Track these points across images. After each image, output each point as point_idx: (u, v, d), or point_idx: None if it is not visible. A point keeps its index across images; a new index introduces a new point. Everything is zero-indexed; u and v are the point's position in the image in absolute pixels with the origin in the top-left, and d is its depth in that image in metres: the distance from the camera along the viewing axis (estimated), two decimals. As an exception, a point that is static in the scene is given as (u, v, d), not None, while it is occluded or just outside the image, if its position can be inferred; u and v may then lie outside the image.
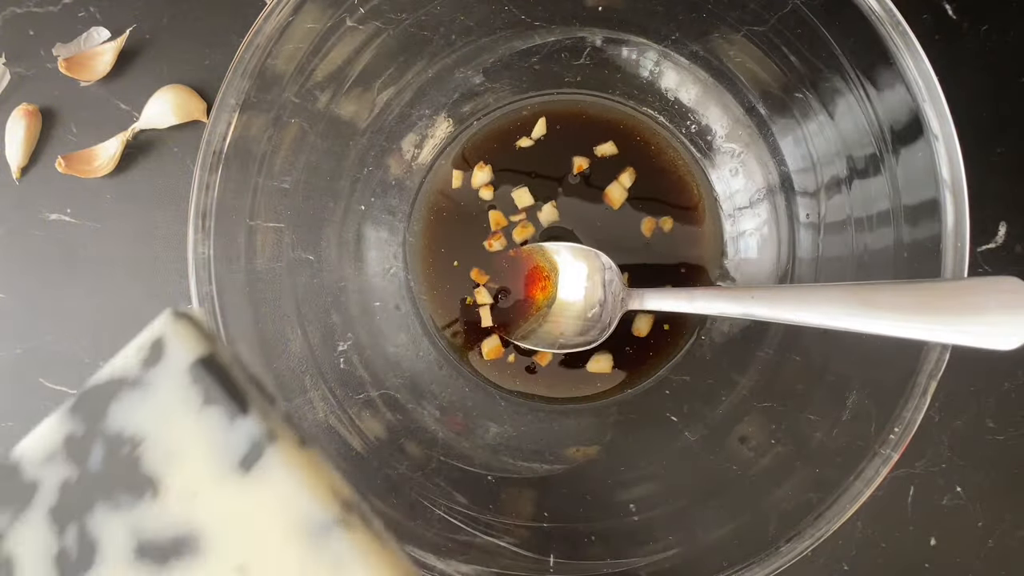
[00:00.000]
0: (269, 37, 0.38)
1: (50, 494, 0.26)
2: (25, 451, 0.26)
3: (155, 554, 0.25)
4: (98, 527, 0.26)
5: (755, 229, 0.47)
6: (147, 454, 0.26)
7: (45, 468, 0.26)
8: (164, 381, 0.26)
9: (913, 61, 0.35)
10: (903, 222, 0.38)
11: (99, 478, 0.26)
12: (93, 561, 0.26)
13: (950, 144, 0.35)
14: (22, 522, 0.26)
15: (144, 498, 0.26)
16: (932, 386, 0.34)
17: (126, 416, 0.26)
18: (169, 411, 0.26)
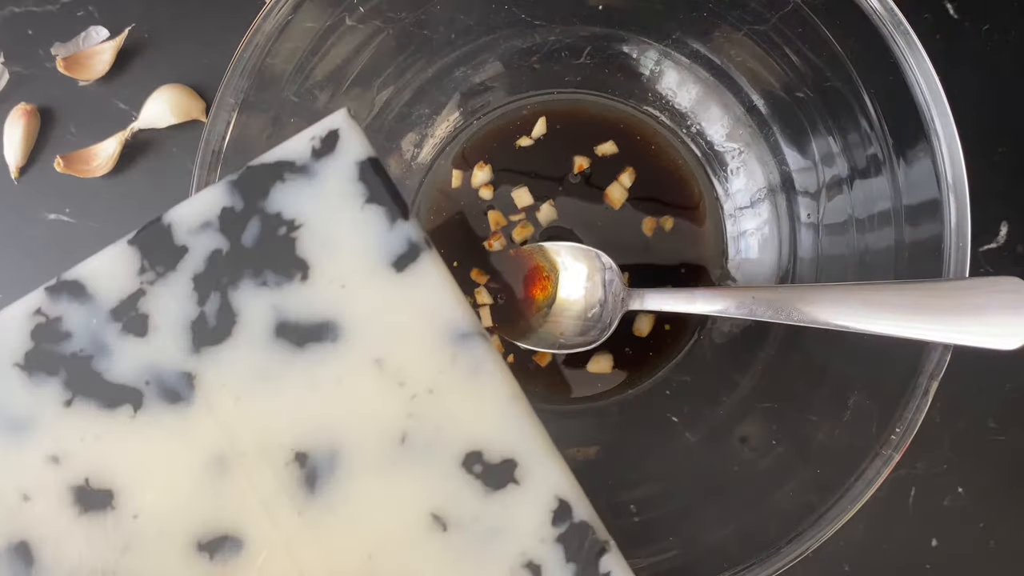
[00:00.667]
0: (268, 36, 0.37)
1: (197, 261, 0.27)
2: (178, 216, 0.27)
3: (294, 336, 0.26)
4: (241, 301, 0.26)
5: (756, 229, 0.47)
6: (303, 239, 0.26)
7: (196, 236, 0.27)
8: (333, 172, 0.27)
9: (915, 60, 0.35)
10: (904, 222, 0.37)
11: (251, 254, 0.26)
12: (230, 333, 0.26)
13: (951, 143, 0.35)
14: (165, 283, 0.26)
15: (293, 280, 0.26)
16: (933, 387, 0.34)
17: (288, 199, 0.27)
18: (332, 202, 0.26)
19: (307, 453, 0.26)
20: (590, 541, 0.26)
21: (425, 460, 0.26)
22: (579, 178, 0.48)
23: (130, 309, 0.27)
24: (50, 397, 0.26)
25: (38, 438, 0.26)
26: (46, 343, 0.27)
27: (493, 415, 0.26)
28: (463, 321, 0.26)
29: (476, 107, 0.49)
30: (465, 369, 0.26)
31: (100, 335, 0.26)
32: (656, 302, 0.43)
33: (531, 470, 0.26)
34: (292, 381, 0.26)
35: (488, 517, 0.25)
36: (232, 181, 0.27)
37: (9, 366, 0.26)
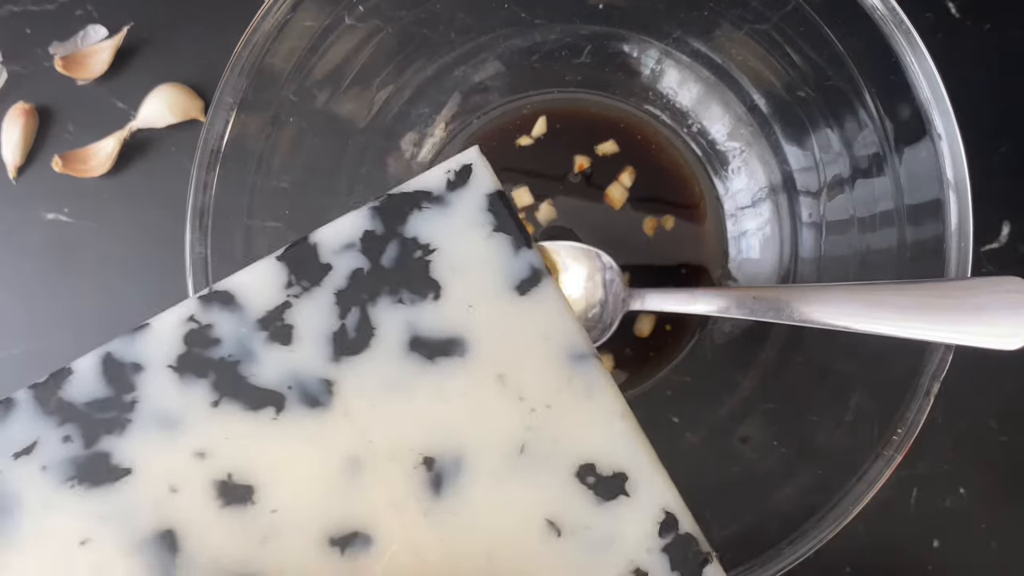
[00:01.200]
0: (267, 35, 0.37)
1: (340, 279, 0.29)
2: (323, 236, 0.30)
3: (425, 350, 0.29)
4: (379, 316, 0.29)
5: (757, 229, 0.47)
6: (437, 262, 0.29)
7: (340, 255, 0.29)
8: (464, 203, 0.29)
9: (916, 59, 0.35)
10: (906, 222, 0.37)
11: (389, 274, 0.29)
12: (368, 345, 0.29)
13: (953, 143, 0.35)
14: (309, 297, 0.29)
15: (426, 299, 0.29)
16: (935, 387, 0.34)
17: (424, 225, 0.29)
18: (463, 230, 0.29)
19: (434, 458, 0.28)
20: (694, 552, 0.28)
21: (542, 470, 0.28)
22: (579, 177, 0.48)
23: (276, 319, 0.29)
24: (199, 397, 0.29)
25: (186, 435, 0.28)
26: (197, 348, 0.29)
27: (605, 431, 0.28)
28: (580, 343, 0.29)
29: (476, 106, 0.49)
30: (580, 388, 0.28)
31: (247, 342, 0.29)
32: (657, 302, 0.42)
33: (640, 483, 0.28)
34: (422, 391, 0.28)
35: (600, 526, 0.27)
36: (374, 207, 0.30)
37: (163, 367, 0.29)
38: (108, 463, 0.28)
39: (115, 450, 0.28)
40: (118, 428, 0.28)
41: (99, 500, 0.28)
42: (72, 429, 0.28)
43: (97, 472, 0.28)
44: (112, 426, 0.28)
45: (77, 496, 0.28)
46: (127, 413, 0.28)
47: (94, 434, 0.28)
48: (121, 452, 0.28)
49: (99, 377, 0.29)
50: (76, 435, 0.28)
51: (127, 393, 0.28)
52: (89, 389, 0.28)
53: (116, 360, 0.29)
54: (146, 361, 0.29)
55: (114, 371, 0.29)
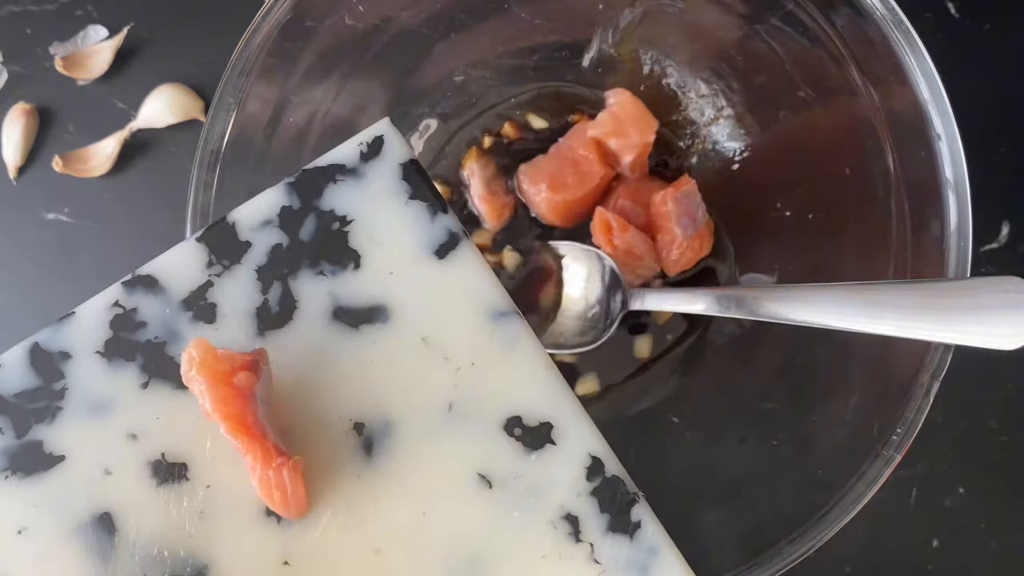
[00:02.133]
0: (267, 35, 0.37)
1: (260, 255, 0.30)
2: (241, 215, 0.30)
3: (349, 318, 0.29)
4: (301, 289, 0.30)
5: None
6: (354, 232, 0.30)
7: (259, 232, 0.30)
8: (378, 173, 0.30)
9: (916, 60, 0.35)
10: (906, 222, 0.37)
11: (308, 247, 0.30)
12: (292, 318, 0.29)
13: (953, 143, 0.35)
14: (231, 276, 0.30)
15: (347, 269, 0.30)
16: (935, 387, 0.34)
17: (340, 198, 0.30)
18: (379, 199, 0.30)
19: (364, 422, 0.29)
20: (621, 493, 0.28)
21: (470, 425, 0.29)
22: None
23: (199, 299, 0.30)
24: (128, 381, 0.29)
25: (118, 418, 0.29)
26: (123, 332, 0.29)
27: (529, 383, 0.29)
28: (499, 301, 0.29)
29: (476, 106, 0.49)
30: (502, 343, 0.29)
31: (173, 323, 0.30)
32: (657, 302, 0.42)
33: (566, 431, 0.29)
34: (348, 359, 0.29)
35: (529, 475, 0.28)
36: (289, 183, 0.30)
37: (91, 354, 0.29)
38: (40, 451, 0.28)
39: (47, 438, 0.28)
40: (49, 416, 0.29)
41: (33, 488, 0.28)
42: (2, 421, 0.29)
43: (30, 461, 0.28)
44: (43, 415, 0.29)
45: (11, 486, 0.28)
46: (57, 401, 0.29)
47: (25, 424, 0.29)
48: (53, 440, 0.28)
49: (27, 368, 0.29)
50: (6, 426, 0.29)
51: (56, 381, 0.29)
52: (17, 380, 0.29)
53: (43, 350, 0.29)
54: (73, 349, 0.29)
55: (42, 361, 0.29)
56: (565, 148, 0.46)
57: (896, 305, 0.33)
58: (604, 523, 0.28)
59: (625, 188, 0.46)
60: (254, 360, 0.27)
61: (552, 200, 0.45)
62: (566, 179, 0.46)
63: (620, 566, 0.28)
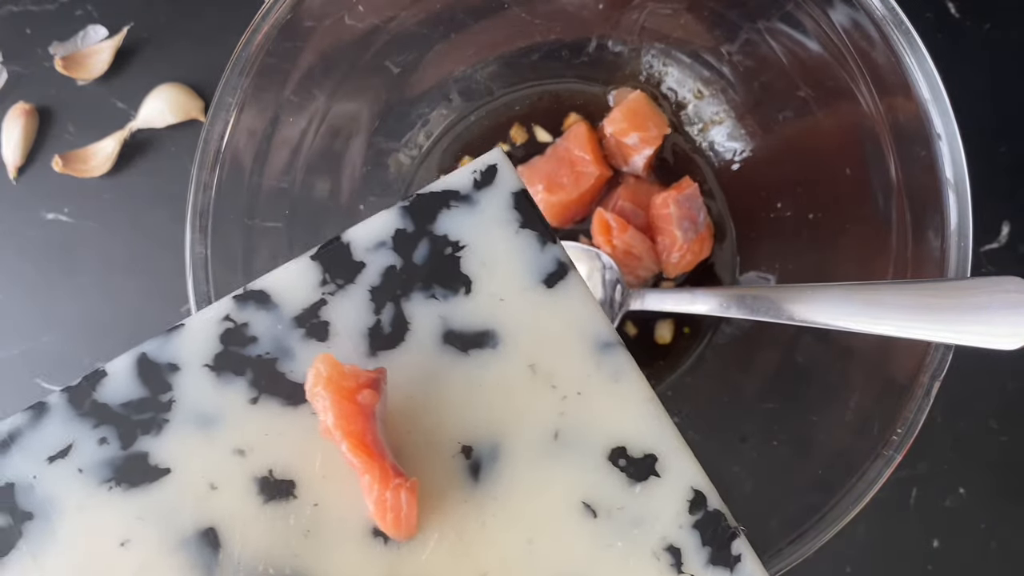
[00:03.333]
0: (267, 35, 0.37)
1: (374, 276, 0.30)
2: (356, 235, 0.31)
3: (459, 343, 0.30)
4: (412, 311, 0.30)
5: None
6: (467, 258, 0.30)
7: (372, 253, 0.30)
8: (491, 201, 0.31)
9: (916, 59, 0.35)
10: (906, 221, 0.37)
11: (421, 270, 0.30)
12: (403, 339, 0.30)
13: (953, 143, 0.35)
14: (344, 295, 0.30)
15: (458, 294, 0.30)
16: (935, 387, 0.34)
17: (453, 223, 0.30)
18: (491, 226, 0.30)
19: (471, 446, 0.29)
20: (722, 527, 0.29)
21: (575, 454, 0.29)
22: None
23: (312, 317, 0.30)
24: (237, 395, 0.29)
25: (225, 433, 0.29)
26: (233, 346, 0.29)
27: (634, 415, 0.29)
28: (605, 333, 0.30)
29: (476, 105, 0.49)
30: (608, 374, 0.29)
31: (284, 340, 0.29)
32: (657, 302, 0.42)
33: (669, 464, 0.29)
34: (457, 382, 0.29)
35: (633, 506, 0.28)
36: (404, 207, 0.31)
37: (199, 367, 0.29)
38: (146, 463, 0.28)
39: (153, 450, 0.28)
40: (155, 428, 0.28)
41: (138, 501, 0.28)
42: (108, 431, 0.28)
43: (135, 473, 0.28)
44: (149, 426, 0.28)
45: (115, 498, 0.28)
46: (164, 413, 0.29)
47: (131, 435, 0.28)
48: (159, 452, 0.28)
49: (134, 378, 0.29)
50: (112, 437, 0.28)
51: (163, 393, 0.29)
52: (124, 390, 0.29)
53: (151, 361, 0.29)
54: (182, 361, 0.29)
55: (149, 372, 0.29)
56: (562, 149, 0.46)
57: (896, 305, 0.33)
58: (705, 556, 0.28)
59: (625, 189, 0.46)
60: (377, 378, 0.27)
61: (548, 201, 0.45)
62: (562, 180, 0.46)
63: None
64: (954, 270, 0.35)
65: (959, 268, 0.34)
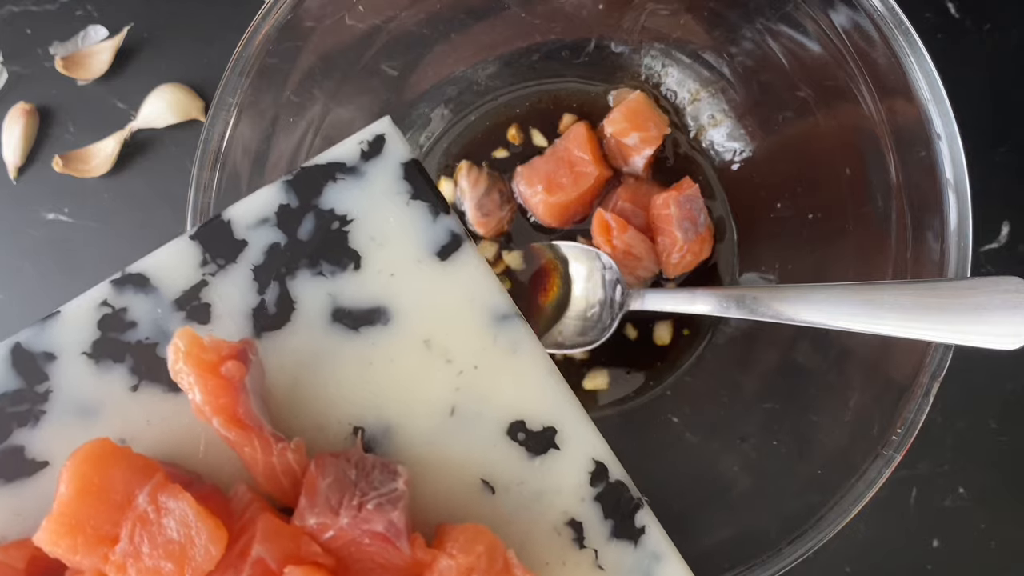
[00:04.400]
0: (267, 35, 0.37)
1: (257, 254, 0.29)
2: (237, 212, 0.29)
3: (348, 320, 0.29)
4: (299, 289, 0.29)
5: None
6: (355, 232, 0.29)
7: (255, 231, 0.29)
8: (380, 173, 0.30)
9: (916, 60, 0.35)
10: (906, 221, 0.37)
11: (306, 247, 0.29)
12: (290, 319, 0.29)
13: (953, 143, 0.35)
14: (225, 275, 0.29)
15: (347, 270, 0.29)
16: (935, 387, 0.34)
17: (340, 197, 0.29)
18: (380, 199, 0.29)
19: (364, 427, 0.28)
20: (624, 499, 0.28)
21: (473, 430, 0.28)
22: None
23: (193, 299, 0.29)
24: (117, 383, 0.28)
25: (107, 421, 0.28)
26: (112, 332, 0.28)
27: (533, 388, 0.28)
28: (502, 304, 0.29)
29: (477, 106, 0.49)
30: (506, 347, 0.29)
31: (164, 324, 0.29)
32: (656, 302, 0.42)
33: (569, 436, 0.28)
34: (348, 362, 0.28)
35: (533, 480, 0.28)
36: (287, 181, 0.29)
37: (77, 355, 0.28)
38: (22, 457, 0.27)
39: (30, 443, 0.27)
40: (32, 420, 0.28)
41: (15, 495, 0.27)
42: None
43: (11, 467, 0.27)
44: (25, 418, 0.28)
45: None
46: (41, 404, 0.28)
47: (6, 428, 0.27)
48: (36, 444, 0.27)
49: (8, 369, 0.28)
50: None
51: (40, 384, 0.28)
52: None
53: (26, 350, 0.28)
54: (58, 349, 0.28)
55: (25, 362, 0.28)
56: (561, 149, 0.46)
57: (896, 305, 0.33)
58: (608, 529, 0.28)
59: (625, 190, 0.46)
60: (242, 349, 0.26)
61: (548, 201, 0.45)
62: (561, 180, 0.46)
63: (624, 572, 0.28)
64: (954, 270, 0.35)
65: (959, 268, 0.34)
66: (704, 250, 0.46)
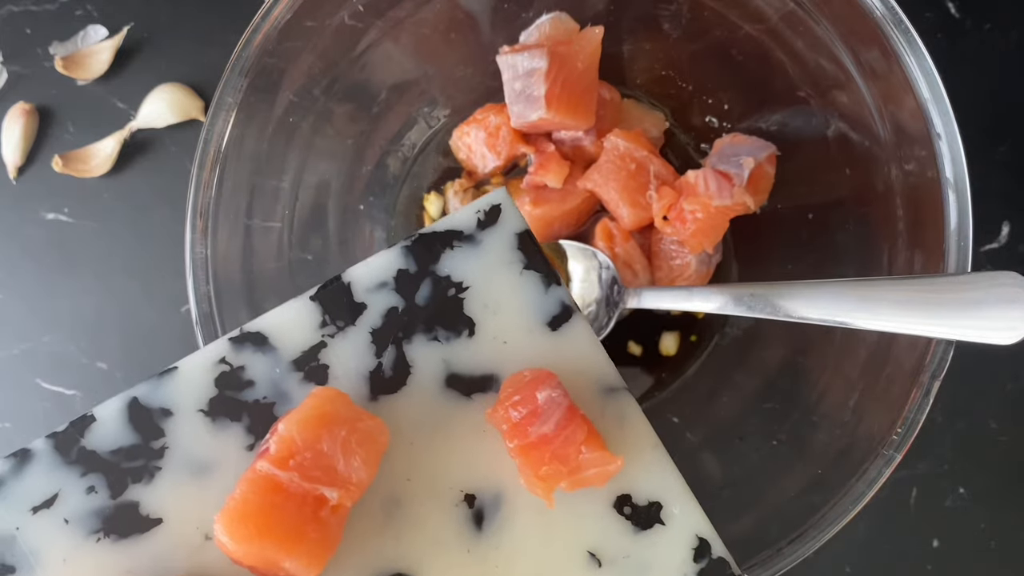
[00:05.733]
0: (267, 35, 0.37)
1: (375, 317, 0.29)
2: (357, 275, 0.30)
3: (462, 386, 0.29)
4: (415, 354, 0.29)
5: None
6: (470, 299, 0.30)
7: (374, 294, 0.29)
8: (495, 242, 0.30)
9: (916, 59, 0.35)
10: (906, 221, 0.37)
11: (423, 312, 0.29)
12: (405, 383, 0.29)
13: (953, 143, 0.35)
14: (344, 337, 0.29)
15: (461, 336, 0.29)
16: (935, 386, 0.34)
17: (457, 264, 0.30)
18: (495, 267, 0.30)
19: (474, 494, 0.28)
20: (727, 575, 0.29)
21: (582, 503, 0.28)
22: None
23: (311, 359, 0.29)
24: (233, 441, 0.28)
25: (221, 480, 0.28)
26: (229, 390, 0.28)
27: (639, 461, 0.29)
28: (611, 376, 0.29)
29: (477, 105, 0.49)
30: (613, 419, 0.29)
31: (282, 384, 0.29)
32: (653, 300, 0.42)
33: (674, 511, 0.29)
34: (460, 428, 0.29)
35: (638, 554, 0.28)
36: (406, 246, 0.30)
37: (194, 412, 0.28)
38: (137, 513, 0.27)
39: (144, 499, 0.27)
40: (147, 476, 0.27)
41: (128, 553, 0.27)
42: (97, 479, 0.27)
43: (125, 523, 0.27)
44: (140, 474, 0.27)
45: (104, 549, 0.27)
46: (156, 460, 0.27)
47: (121, 483, 0.27)
48: (151, 501, 0.27)
49: (124, 424, 0.28)
50: (101, 485, 0.27)
51: (155, 439, 0.28)
52: (114, 436, 0.28)
53: (142, 405, 0.28)
54: (175, 406, 0.28)
55: (141, 417, 0.28)
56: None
57: (893, 301, 0.33)
58: None
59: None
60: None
61: (532, 214, 0.45)
62: (549, 194, 0.45)
63: None
64: (954, 270, 0.35)
65: (959, 268, 0.34)
66: (707, 277, 0.45)
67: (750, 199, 0.42)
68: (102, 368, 0.49)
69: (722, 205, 0.41)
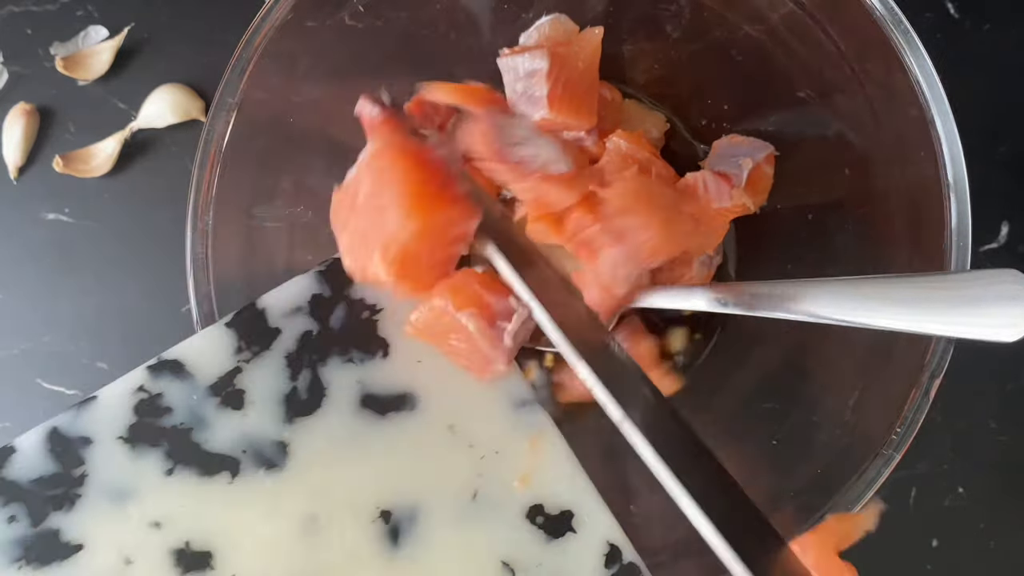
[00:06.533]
0: (267, 35, 0.37)
1: (289, 342, 0.30)
2: (271, 301, 0.31)
3: (376, 406, 0.30)
4: (330, 376, 0.30)
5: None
6: (383, 321, 0.30)
7: (289, 319, 0.30)
8: None
9: (915, 60, 0.35)
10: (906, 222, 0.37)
11: (338, 335, 0.30)
12: (320, 405, 0.30)
13: (952, 143, 0.35)
14: (260, 362, 0.30)
15: (376, 357, 0.30)
16: (935, 386, 0.34)
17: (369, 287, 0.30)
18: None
19: (391, 510, 0.29)
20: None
21: (495, 513, 0.29)
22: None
23: (227, 385, 0.30)
24: (152, 467, 0.29)
25: (140, 505, 0.28)
26: (148, 417, 0.29)
27: (551, 472, 0.30)
28: (523, 391, 0.30)
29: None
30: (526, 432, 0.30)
31: (199, 409, 0.29)
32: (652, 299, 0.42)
33: (585, 519, 0.30)
34: (376, 446, 0.29)
35: (551, 562, 0.29)
36: (320, 271, 0.31)
37: (113, 439, 0.29)
38: (57, 540, 0.28)
39: (65, 526, 0.28)
40: (67, 504, 0.28)
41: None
42: (17, 508, 0.28)
43: (46, 551, 0.27)
44: (61, 502, 0.28)
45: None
46: (76, 488, 0.28)
47: (41, 512, 0.28)
48: (71, 528, 0.28)
49: (45, 453, 0.28)
50: (21, 514, 0.28)
51: (75, 468, 0.28)
52: (34, 466, 0.28)
53: (62, 435, 0.28)
54: (94, 434, 0.29)
55: (61, 446, 0.28)
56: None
57: (893, 298, 0.33)
58: None
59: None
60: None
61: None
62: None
63: None
64: (954, 270, 0.35)
65: (958, 268, 0.35)
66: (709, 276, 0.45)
67: (749, 200, 0.41)
68: (102, 368, 0.49)
69: (722, 207, 0.41)
